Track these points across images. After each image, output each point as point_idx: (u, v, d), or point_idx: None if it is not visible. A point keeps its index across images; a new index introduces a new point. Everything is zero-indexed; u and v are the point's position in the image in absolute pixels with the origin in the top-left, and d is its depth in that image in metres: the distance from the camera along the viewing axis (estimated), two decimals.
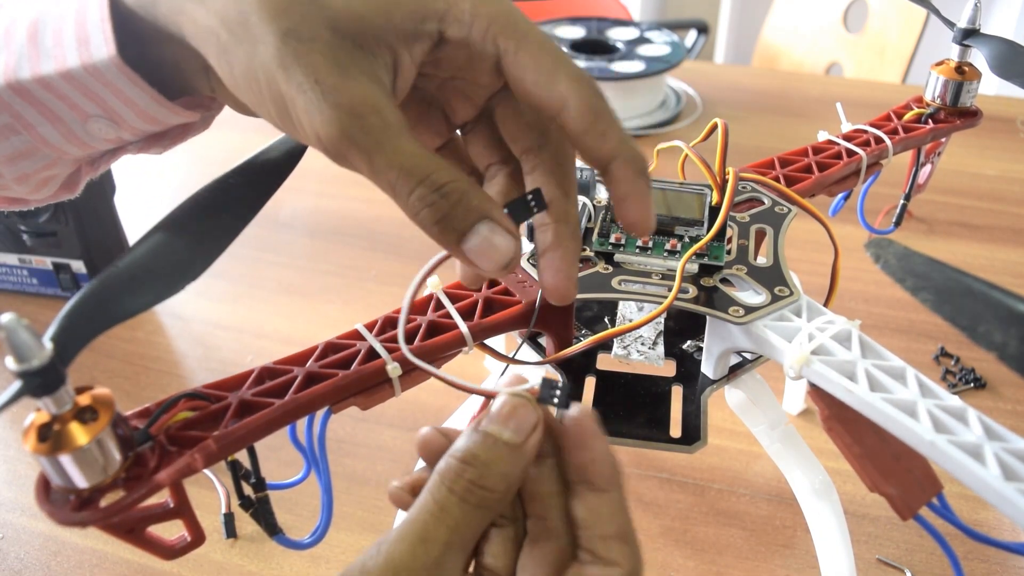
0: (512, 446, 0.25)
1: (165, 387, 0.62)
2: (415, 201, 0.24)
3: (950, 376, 0.61)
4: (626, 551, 0.25)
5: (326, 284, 0.72)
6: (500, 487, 0.24)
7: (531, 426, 0.25)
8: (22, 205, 0.35)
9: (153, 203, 0.85)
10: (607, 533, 0.25)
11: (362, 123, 0.24)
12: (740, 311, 0.34)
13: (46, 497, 0.25)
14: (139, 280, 0.26)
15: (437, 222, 0.24)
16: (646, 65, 0.95)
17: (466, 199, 0.24)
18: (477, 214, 0.24)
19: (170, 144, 0.32)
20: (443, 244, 0.25)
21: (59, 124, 0.29)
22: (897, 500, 0.29)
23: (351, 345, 0.32)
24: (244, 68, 0.24)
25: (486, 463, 0.24)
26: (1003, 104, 1.03)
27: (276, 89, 0.24)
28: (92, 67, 0.27)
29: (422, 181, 0.24)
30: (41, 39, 0.27)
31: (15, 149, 0.30)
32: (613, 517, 0.25)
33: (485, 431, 0.25)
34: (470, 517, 0.24)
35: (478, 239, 0.24)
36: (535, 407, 0.25)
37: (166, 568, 0.48)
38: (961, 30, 0.47)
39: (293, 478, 0.32)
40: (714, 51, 2.26)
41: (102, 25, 0.26)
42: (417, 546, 0.23)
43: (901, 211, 0.51)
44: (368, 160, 0.24)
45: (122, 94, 0.28)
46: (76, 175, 0.34)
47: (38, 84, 0.27)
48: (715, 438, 0.56)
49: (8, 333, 0.21)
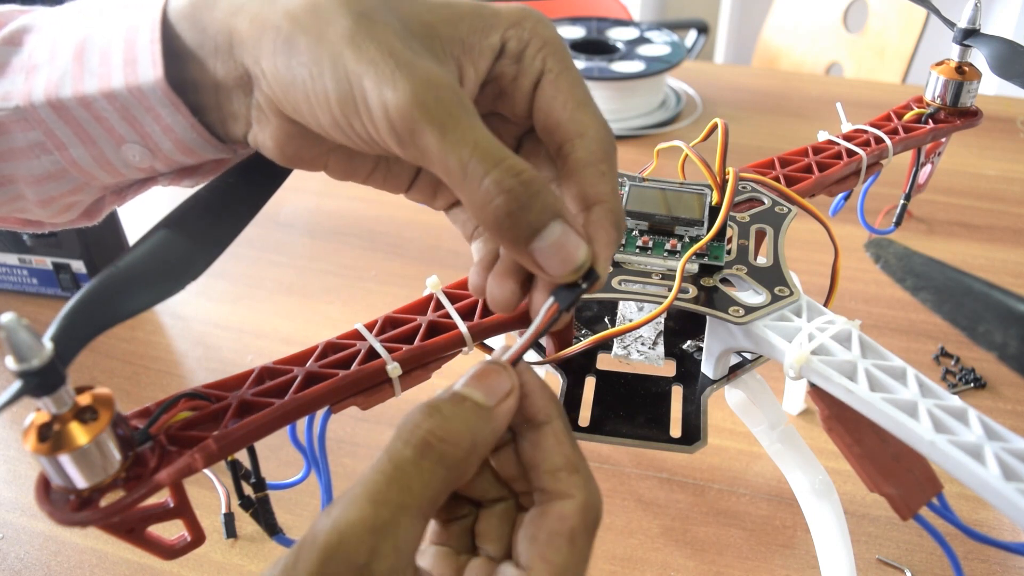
0: (481, 407, 0.24)
1: (165, 387, 0.62)
2: (490, 185, 0.22)
3: (950, 376, 0.61)
4: (576, 480, 0.24)
5: (326, 284, 0.72)
6: (462, 443, 0.23)
7: (503, 392, 0.24)
8: (36, 228, 0.34)
9: (153, 203, 0.85)
10: (555, 466, 0.24)
11: (438, 94, 0.23)
12: (740, 311, 0.34)
13: (46, 497, 0.25)
14: (139, 280, 0.25)
15: (511, 213, 0.23)
16: (646, 65, 0.95)
17: (544, 192, 0.23)
18: (553, 211, 0.23)
19: (201, 179, 0.31)
20: (510, 240, 0.23)
21: (92, 147, 0.28)
22: (897, 500, 0.29)
23: (351, 345, 0.32)
24: (306, 57, 0.24)
25: (448, 416, 0.23)
26: (1003, 104, 1.03)
27: (342, 70, 0.23)
28: (136, 88, 0.26)
29: (499, 163, 0.22)
30: (87, 58, 0.27)
31: (44, 170, 0.29)
32: (558, 448, 0.25)
33: (454, 390, 0.24)
34: (427, 476, 0.22)
35: (552, 238, 0.23)
36: (511, 376, 0.25)
37: (166, 568, 0.48)
38: (961, 30, 0.47)
39: (293, 478, 0.32)
40: (714, 51, 2.26)
41: (151, 47, 0.26)
42: (366, 508, 0.21)
43: (901, 211, 0.51)
44: (441, 134, 0.22)
45: (161, 120, 0.27)
46: (99, 203, 0.33)
47: (78, 103, 0.27)
48: (715, 438, 0.56)
49: (8, 333, 0.21)
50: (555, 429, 0.25)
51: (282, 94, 0.25)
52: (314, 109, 0.25)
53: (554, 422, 0.25)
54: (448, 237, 0.78)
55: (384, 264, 0.75)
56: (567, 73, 0.27)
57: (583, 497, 0.24)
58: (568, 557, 0.23)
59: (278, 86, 0.25)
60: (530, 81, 0.27)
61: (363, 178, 0.30)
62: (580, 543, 0.24)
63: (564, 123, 0.26)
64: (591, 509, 0.24)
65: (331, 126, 0.25)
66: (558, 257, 0.23)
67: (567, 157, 0.26)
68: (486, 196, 0.23)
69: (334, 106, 0.24)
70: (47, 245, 0.67)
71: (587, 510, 0.24)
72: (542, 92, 0.27)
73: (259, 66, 0.25)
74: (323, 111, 0.24)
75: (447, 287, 0.35)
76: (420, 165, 0.24)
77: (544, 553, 0.23)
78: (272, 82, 0.25)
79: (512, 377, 0.25)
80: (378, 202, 0.84)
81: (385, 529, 0.21)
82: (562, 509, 0.24)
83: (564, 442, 0.25)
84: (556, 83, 0.26)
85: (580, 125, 0.26)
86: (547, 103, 0.26)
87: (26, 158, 0.29)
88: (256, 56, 0.25)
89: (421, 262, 0.75)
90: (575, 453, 0.25)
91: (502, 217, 0.23)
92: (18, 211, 0.32)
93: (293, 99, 0.25)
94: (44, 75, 0.27)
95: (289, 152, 0.28)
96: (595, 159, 0.26)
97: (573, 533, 0.23)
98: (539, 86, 0.27)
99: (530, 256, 0.24)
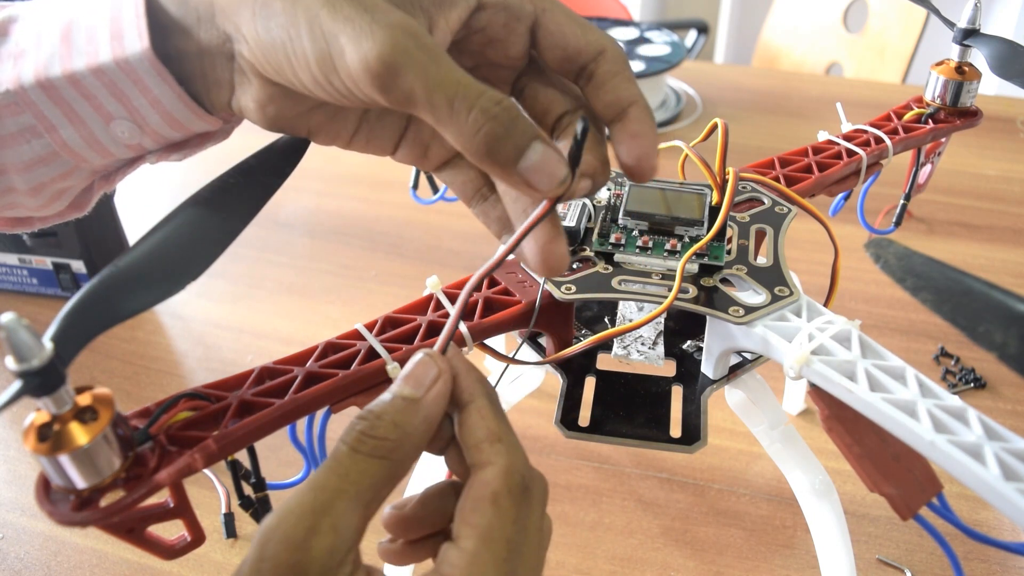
0: (409, 399, 0.25)
1: (165, 387, 0.62)
2: (477, 115, 0.24)
3: (950, 376, 0.61)
4: (498, 448, 0.25)
5: (326, 284, 0.72)
6: (391, 435, 0.24)
7: (430, 380, 0.25)
8: (26, 226, 0.35)
9: (153, 203, 0.85)
10: (477, 439, 0.25)
11: (416, 40, 0.24)
12: (740, 311, 0.34)
13: (46, 497, 0.25)
14: (139, 280, 0.26)
15: (498, 138, 0.24)
16: (646, 65, 0.95)
17: (522, 117, 0.25)
18: (532, 133, 0.25)
19: (189, 152, 0.32)
20: (499, 163, 0.25)
21: (82, 127, 0.29)
22: (897, 500, 0.29)
23: (351, 345, 0.32)
24: (283, 20, 0.25)
25: (378, 415, 0.24)
26: (1003, 104, 1.03)
27: (318, 30, 0.24)
28: (124, 61, 0.27)
29: (481, 95, 0.24)
30: (74, 38, 0.28)
31: (35, 154, 0.30)
32: (481, 423, 0.26)
33: (387, 391, 0.25)
34: (363, 465, 0.24)
35: (536, 155, 0.25)
36: (437, 363, 0.26)
37: (166, 568, 0.48)
38: (961, 30, 0.47)
39: (293, 478, 0.32)
40: (714, 51, 2.26)
41: (137, 20, 0.27)
42: (307, 493, 0.23)
43: (901, 211, 0.51)
44: (423, 76, 0.24)
45: (149, 92, 0.28)
46: (88, 191, 0.34)
47: (67, 81, 0.28)
48: (715, 438, 0.56)
49: (8, 333, 0.21)
50: (479, 406, 0.26)
51: (263, 57, 0.26)
52: (295, 69, 0.26)
53: (477, 399, 0.26)
54: (448, 237, 0.78)
55: (384, 264, 0.75)
56: (559, 6, 0.29)
57: (505, 462, 0.25)
58: (493, 518, 0.24)
59: (259, 49, 0.26)
60: (525, 25, 0.29)
61: (347, 140, 0.31)
62: (504, 503, 0.24)
63: (582, 47, 0.28)
64: (514, 472, 0.25)
65: (312, 84, 0.26)
66: (544, 172, 0.25)
67: (593, 74, 0.29)
68: (475, 125, 0.24)
69: (313, 65, 0.25)
70: (47, 245, 0.67)
71: (510, 473, 0.25)
72: (546, 29, 0.29)
73: (240, 31, 0.27)
74: (303, 70, 0.26)
75: (447, 287, 0.35)
76: (403, 109, 0.25)
77: (468, 518, 0.24)
78: (253, 46, 0.26)
79: (439, 363, 0.26)
80: (378, 202, 0.84)
81: (322, 509, 0.22)
82: (484, 475, 0.24)
83: (487, 416, 0.26)
84: (556, 18, 0.29)
85: (597, 44, 0.28)
86: (558, 37, 0.29)
87: (16, 144, 0.30)
88: (236, 22, 0.26)
89: (421, 262, 0.75)
90: (499, 425, 0.26)
91: (491, 142, 0.24)
92: (7, 206, 0.32)
93: (275, 61, 0.26)
94: (32, 58, 0.28)
95: (271, 113, 0.29)
96: (620, 68, 0.29)
97: (496, 495, 0.24)
98: (539, 26, 0.29)
99: (519, 176, 0.25)
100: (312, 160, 0.32)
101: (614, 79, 0.28)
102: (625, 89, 0.28)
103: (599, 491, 0.53)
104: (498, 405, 0.27)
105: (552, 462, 0.55)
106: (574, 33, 0.28)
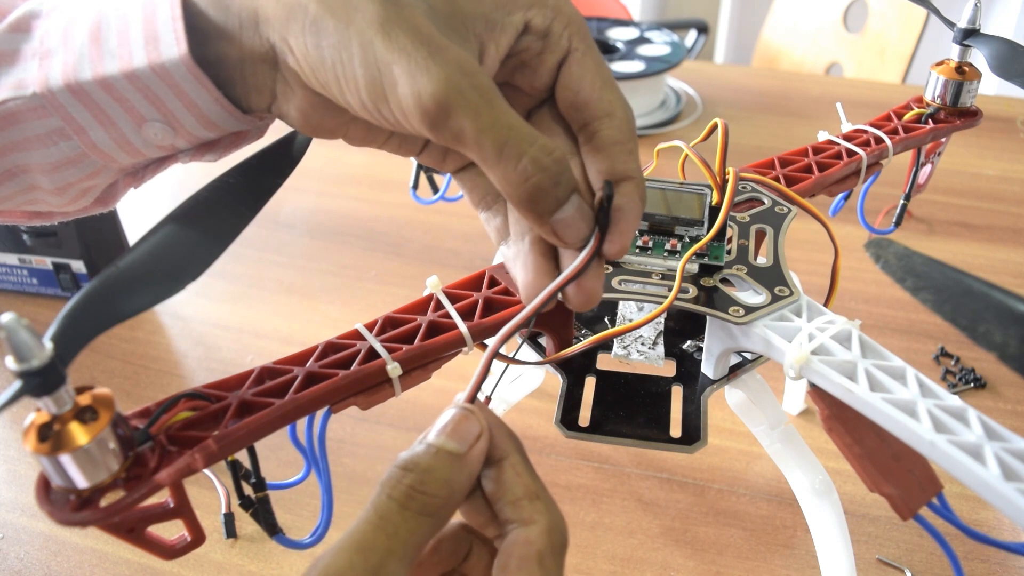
0: (454, 455, 0.25)
1: (165, 387, 0.62)
2: (527, 165, 0.24)
3: (950, 376, 0.61)
4: (539, 506, 0.25)
5: (326, 284, 0.72)
6: (441, 492, 0.24)
7: (474, 436, 0.25)
8: (46, 219, 0.34)
9: (153, 203, 0.85)
10: (515, 496, 0.25)
11: (472, 80, 0.24)
12: (740, 311, 0.34)
13: (46, 497, 0.25)
14: (139, 280, 0.25)
15: (545, 192, 0.24)
16: (646, 65, 0.95)
17: (569, 168, 0.24)
18: (573, 186, 0.25)
19: (223, 152, 0.32)
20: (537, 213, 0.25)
21: (112, 129, 0.28)
22: (897, 500, 0.29)
23: (351, 345, 0.32)
24: (335, 40, 0.24)
25: (426, 469, 0.24)
26: (1003, 104, 1.03)
27: (371, 57, 0.24)
28: (160, 67, 0.26)
29: (533, 144, 0.24)
30: (105, 38, 0.27)
31: (63, 155, 0.29)
32: (517, 479, 0.25)
33: (428, 442, 0.25)
34: (411, 524, 0.23)
35: (571, 209, 0.24)
36: (479, 418, 0.26)
37: (166, 568, 0.48)
38: (961, 30, 0.47)
39: (293, 478, 0.32)
40: (714, 51, 2.26)
41: (173, 24, 0.26)
42: (355, 555, 0.22)
43: (901, 211, 0.51)
44: (476, 118, 0.23)
45: (185, 96, 0.27)
46: (114, 188, 0.33)
47: (98, 85, 0.27)
48: (715, 438, 0.56)
49: (8, 333, 0.21)
50: (513, 463, 0.26)
51: (311, 72, 0.26)
52: (343, 90, 0.25)
53: (511, 456, 0.26)
54: (448, 237, 0.78)
55: (384, 264, 0.75)
56: (592, 52, 0.28)
57: (546, 521, 0.25)
58: None
59: (307, 65, 0.25)
60: (556, 58, 0.28)
61: (379, 144, 0.31)
62: (549, 564, 0.24)
63: (593, 102, 0.27)
64: (556, 531, 0.25)
65: (359, 107, 0.25)
66: (574, 228, 0.25)
67: (595, 134, 0.27)
68: (523, 174, 0.24)
69: (363, 90, 0.25)
70: (47, 245, 0.67)
71: (552, 532, 0.24)
72: (569, 71, 0.28)
73: (286, 43, 0.26)
74: (352, 93, 0.25)
75: (447, 287, 0.35)
76: (450, 146, 0.25)
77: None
78: (300, 60, 0.26)
79: (481, 421, 0.26)
80: (378, 202, 0.84)
81: (374, 572, 0.22)
82: (528, 534, 0.24)
83: (523, 473, 0.26)
84: (583, 62, 0.27)
85: (608, 105, 0.27)
86: (575, 81, 0.27)
87: (43, 146, 0.29)
88: (283, 34, 0.25)
89: (421, 262, 0.75)
90: (534, 482, 0.26)
91: (537, 194, 0.24)
92: (29, 203, 0.32)
93: (323, 78, 0.25)
94: (60, 59, 0.27)
95: (313, 122, 0.28)
96: (623, 138, 0.27)
97: (541, 555, 0.24)
98: (565, 64, 0.28)
99: (551, 227, 0.25)
100: (312, 160, 0.32)
101: (614, 147, 0.27)
102: (623, 163, 0.27)
103: (599, 491, 0.53)
104: (528, 460, 0.26)
105: (552, 462, 0.55)
106: (592, 84, 0.27)
